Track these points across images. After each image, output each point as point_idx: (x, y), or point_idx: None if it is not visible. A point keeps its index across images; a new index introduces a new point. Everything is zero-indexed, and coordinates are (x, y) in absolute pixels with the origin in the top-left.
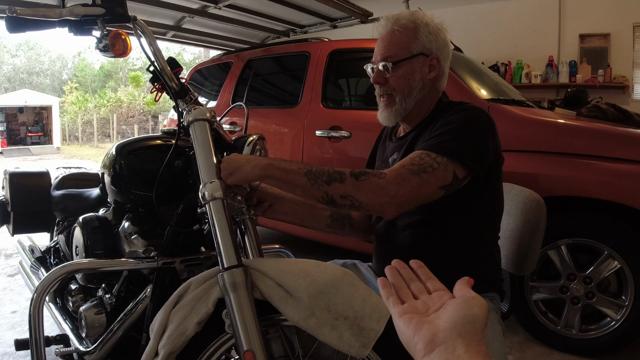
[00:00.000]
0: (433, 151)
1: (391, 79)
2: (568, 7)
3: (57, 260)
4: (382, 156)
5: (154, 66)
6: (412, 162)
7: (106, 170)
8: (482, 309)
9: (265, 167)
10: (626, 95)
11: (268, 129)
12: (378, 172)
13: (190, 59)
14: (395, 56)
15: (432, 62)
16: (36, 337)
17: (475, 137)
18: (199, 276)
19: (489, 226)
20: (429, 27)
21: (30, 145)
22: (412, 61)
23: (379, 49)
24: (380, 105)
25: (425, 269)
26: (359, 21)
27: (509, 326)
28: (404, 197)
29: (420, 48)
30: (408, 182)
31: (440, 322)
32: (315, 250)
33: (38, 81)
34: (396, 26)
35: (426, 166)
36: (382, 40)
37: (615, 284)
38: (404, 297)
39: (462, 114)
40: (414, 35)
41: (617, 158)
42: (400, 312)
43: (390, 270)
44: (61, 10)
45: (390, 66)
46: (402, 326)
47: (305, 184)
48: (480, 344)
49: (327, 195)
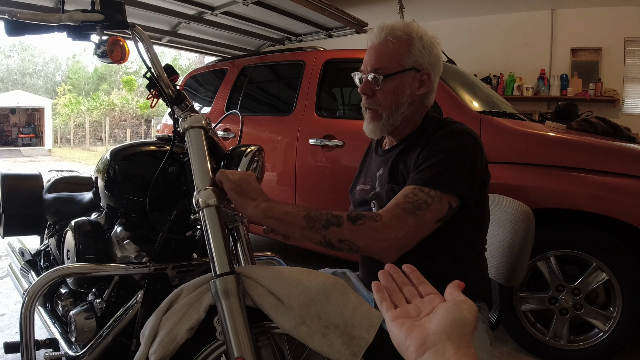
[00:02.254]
0: (426, 185)
1: (379, 92)
2: (560, 21)
3: (48, 263)
4: (367, 170)
5: (151, 73)
6: (406, 199)
7: (100, 175)
8: (471, 312)
9: (266, 210)
10: (616, 109)
11: (262, 136)
12: (374, 215)
13: (186, 64)
14: (387, 69)
15: (423, 78)
16: (27, 341)
17: (465, 166)
18: (191, 282)
19: (475, 240)
20: (423, 40)
21: (21, 147)
22: (402, 75)
23: (370, 58)
24: (365, 117)
25: (417, 273)
26: (354, 31)
27: (498, 336)
28: (403, 240)
29: (412, 62)
30: (405, 223)
31: (430, 325)
32: (307, 258)
33: (31, 82)
34: (390, 37)
35: (420, 202)
36: (374, 50)
37: (604, 295)
38: (396, 301)
39: (449, 142)
40: (408, 48)
41: (606, 171)
42: (393, 316)
43: (383, 275)
44: (60, 16)
45: (381, 79)
46: (394, 330)
47: (304, 226)
48: (469, 346)
49: (325, 239)
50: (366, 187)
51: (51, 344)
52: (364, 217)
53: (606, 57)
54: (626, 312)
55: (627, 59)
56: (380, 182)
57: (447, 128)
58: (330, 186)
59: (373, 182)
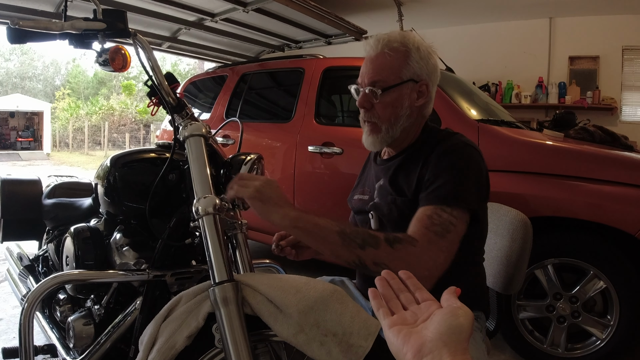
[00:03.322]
0: (446, 204)
1: (378, 105)
2: (558, 29)
3: (46, 269)
4: (365, 180)
5: (151, 81)
6: (433, 222)
7: (100, 181)
8: (467, 319)
9: (295, 219)
10: (614, 117)
11: (261, 143)
12: (410, 239)
13: (186, 69)
14: (385, 82)
15: (421, 89)
16: (26, 347)
17: (473, 180)
18: (190, 290)
19: (473, 249)
20: (420, 51)
21: (20, 151)
22: (401, 87)
23: (367, 70)
24: (364, 129)
25: (413, 279)
26: (353, 38)
27: (496, 344)
28: (440, 267)
29: (411, 74)
30: (439, 248)
31: (427, 332)
32: (305, 266)
33: (30, 86)
34: (387, 48)
35: (447, 224)
36: (372, 62)
37: (601, 303)
38: (393, 308)
39: (456, 156)
40: (405, 60)
41: (604, 180)
42: (390, 323)
43: (380, 281)
44: (63, 24)
45: (379, 92)
46: (392, 337)
47: (336, 242)
48: (465, 353)
49: (359, 260)
50: (364, 197)
51: (49, 349)
52: (402, 240)
53: (604, 65)
54: (623, 320)
55: (624, 67)
56: (380, 193)
57: (449, 141)
58: (329, 193)
59: (371, 192)
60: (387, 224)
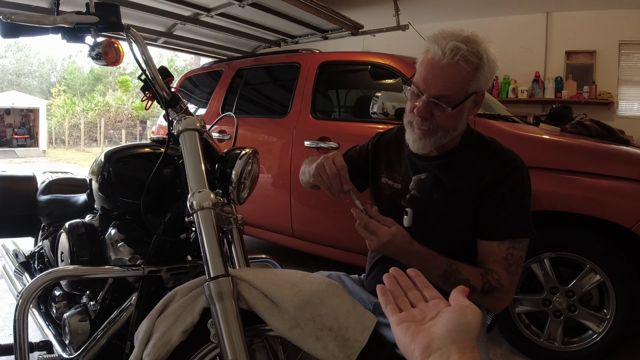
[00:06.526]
0: (519, 237)
1: (440, 118)
2: (555, 24)
3: (42, 265)
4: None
5: (145, 75)
6: (509, 262)
7: (94, 177)
8: (475, 317)
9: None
10: (611, 112)
11: (257, 138)
12: (499, 286)
13: (182, 65)
14: (453, 98)
15: (478, 98)
16: (21, 344)
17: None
18: (185, 285)
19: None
20: (489, 62)
21: (16, 148)
22: (466, 102)
23: (435, 80)
24: (413, 132)
25: (422, 277)
26: (349, 33)
27: (493, 338)
28: (512, 298)
29: (476, 87)
30: (515, 285)
31: (435, 329)
32: (302, 261)
33: (26, 83)
34: (462, 61)
35: (519, 261)
36: (442, 72)
37: (597, 297)
38: (401, 305)
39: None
40: (475, 73)
41: (600, 174)
42: (398, 320)
43: (388, 279)
44: (55, 18)
45: (448, 109)
46: (399, 334)
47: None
48: (473, 351)
49: None
50: (396, 186)
51: (45, 346)
52: (494, 290)
53: (601, 59)
54: (620, 314)
55: (621, 62)
56: (420, 187)
57: (505, 155)
58: None
59: (405, 181)
60: (425, 222)
